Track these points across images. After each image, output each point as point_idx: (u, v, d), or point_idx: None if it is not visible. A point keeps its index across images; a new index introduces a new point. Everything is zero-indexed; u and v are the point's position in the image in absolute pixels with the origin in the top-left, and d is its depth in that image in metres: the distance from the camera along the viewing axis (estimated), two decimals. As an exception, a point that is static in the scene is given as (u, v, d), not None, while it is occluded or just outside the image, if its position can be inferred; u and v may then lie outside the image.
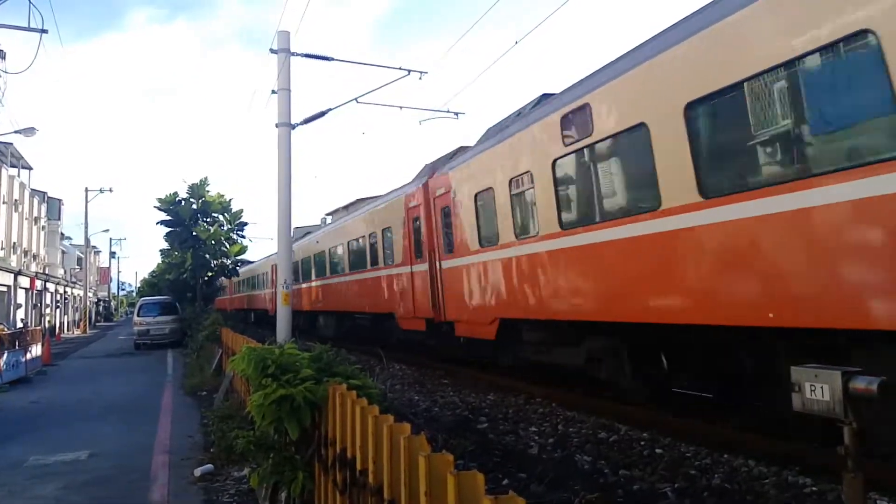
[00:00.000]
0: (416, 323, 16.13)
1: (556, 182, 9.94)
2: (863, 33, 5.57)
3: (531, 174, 10.59)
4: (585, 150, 9.33)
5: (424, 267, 15.40)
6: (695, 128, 7.28)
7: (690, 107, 7.27)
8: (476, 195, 12.64)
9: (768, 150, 6.75)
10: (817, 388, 4.38)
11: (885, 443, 6.27)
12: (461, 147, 15.96)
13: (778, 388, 6.66)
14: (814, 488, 6.18)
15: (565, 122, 9.63)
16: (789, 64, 6.23)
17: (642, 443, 8.22)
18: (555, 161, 9.90)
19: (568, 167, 9.82)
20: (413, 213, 16.23)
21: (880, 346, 5.74)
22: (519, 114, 12.20)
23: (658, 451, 7.85)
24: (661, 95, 7.74)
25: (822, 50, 5.96)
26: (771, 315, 6.55)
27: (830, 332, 6.09)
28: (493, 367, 13.99)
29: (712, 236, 7.10)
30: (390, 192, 19.28)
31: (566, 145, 9.64)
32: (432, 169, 16.17)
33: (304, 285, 28.58)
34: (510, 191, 11.32)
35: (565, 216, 9.86)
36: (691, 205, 7.29)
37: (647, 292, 8.16)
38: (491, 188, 12.01)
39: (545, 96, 11.75)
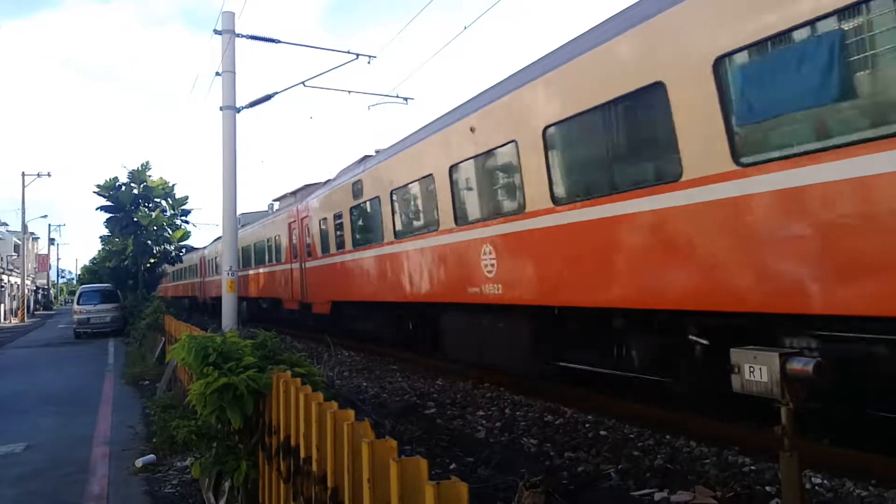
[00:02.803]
0: (292, 304, 22.33)
1: (352, 219, 16.46)
2: None
3: (342, 212, 16.95)
4: (361, 204, 15.79)
5: (297, 265, 21.34)
6: (394, 201, 13.96)
7: (393, 192, 13.88)
8: (319, 220, 19.00)
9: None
10: (756, 369, 4.48)
11: (819, 422, 6.49)
12: (328, 180, 20.46)
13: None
14: (752, 467, 6.34)
15: (354, 186, 16.10)
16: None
17: (587, 425, 8.33)
18: (350, 207, 16.37)
19: (356, 212, 16.28)
20: (292, 227, 22.19)
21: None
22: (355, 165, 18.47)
23: (602, 433, 7.97)
24: (382, 184, 14.35)
25: None
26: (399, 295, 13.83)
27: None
28: (438, 355, 14.09)
29: (383, 258, 14.40)
30: (280, 209, 26.50)
31: (354, 199, 16.10)
32: (305, 194, 22.50)
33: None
34: (334, 220, 17.72)
35: (357, 239, 16.23)
36: (388, 243, 14.08)
37: (387, 283, 14.22)
38: (326, 217, 18.45)
39: (366, 157, 17.40)
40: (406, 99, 19.80)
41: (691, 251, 6.83)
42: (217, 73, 16.23)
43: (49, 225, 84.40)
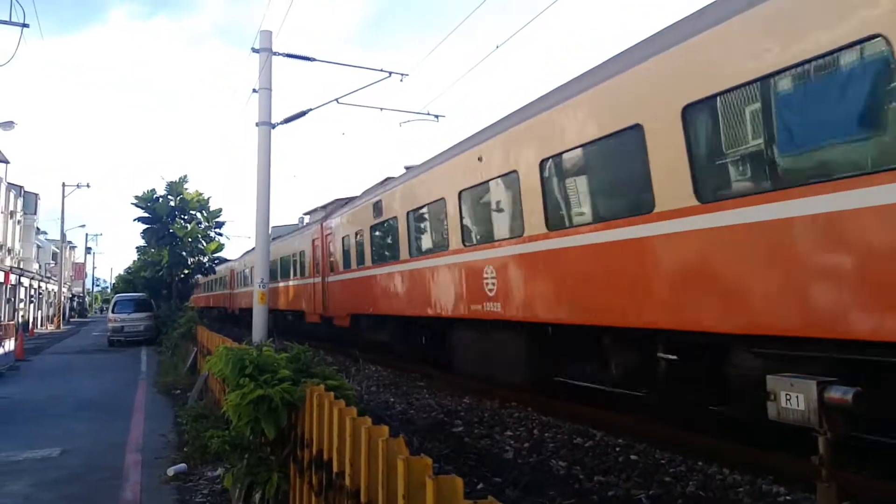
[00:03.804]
0: (315, 318, 22.91)
1: (372, 237, 17.20)
2: None
3: (362, 231, 17.80)
4: (381, 224, 16.48)
5: (319, 280, 22.12)
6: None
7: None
8: (342, 237, 19.86)
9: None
10: (793, 397, 4.42)
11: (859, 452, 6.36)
12: (353, 196, 21.15)
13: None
14: (787, 497, 6.22)
15: (375, 206, 16.78)
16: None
17: (617, 449, 8.24)
18: (371, 226, 17.09)
19: (376, 230, 17.02)
20: (315, 243, 22.96)
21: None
22: (375, 187, 18.69)
23: (633, 457, 7.88)
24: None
25: None
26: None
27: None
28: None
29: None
30: (306, 226, 28.15)
31: (374, 218, 16.86)
32: (328, 213, 23.41)
33: (247, 290, 32.74)
34: (354, 237, 18.63)
35: (375, 256, 16.90)
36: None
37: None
38: (348, 235, 19.36)
39: (388, 179, 18.87)
40: (437, 116, 19.95)
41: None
42: (254, 90, 16.49)
43: (86, 234, 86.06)
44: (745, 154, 6.81)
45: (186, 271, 32.54)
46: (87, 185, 57.99)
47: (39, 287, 59.97)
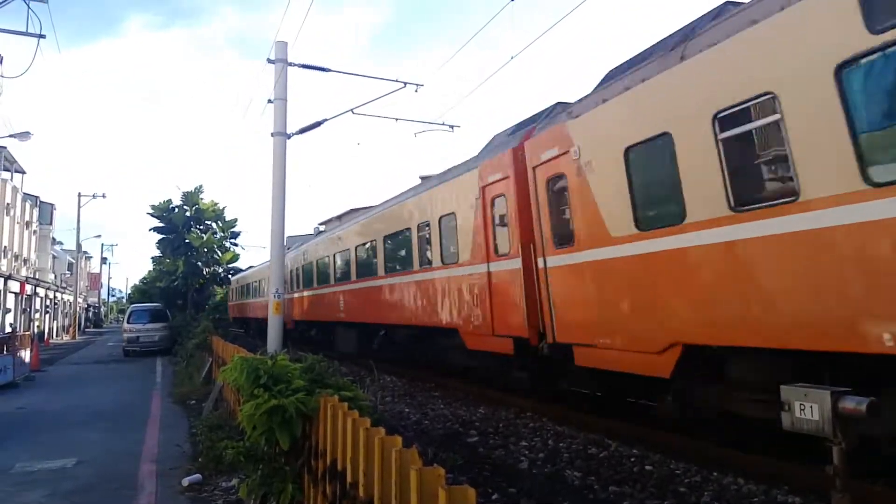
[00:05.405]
0: (494, 343, 11.86)
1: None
2: None
3: None
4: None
5: (514, 265, 11.12)
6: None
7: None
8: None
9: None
10: (807, 407, 4.40)
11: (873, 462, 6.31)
12: (559, 103, 11.61)
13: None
14: (802, 507, 6.19)
15: None
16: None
17: (632, 459, 8.21)
18: None
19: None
20: (493, 192, 11.92)
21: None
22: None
23: (648, 467, 7.84)
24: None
25: None
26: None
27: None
28: (484, 381, 13.93)
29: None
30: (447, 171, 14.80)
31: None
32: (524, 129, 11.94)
33: (322, 290, 23.42)
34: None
35: None
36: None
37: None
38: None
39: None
40: (452, 126, 20.02)
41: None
42: (269, 101, 16.63)
43: (102, 244, 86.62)
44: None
45: (202, 281, 32.77)
46: (103, 196, 58.52)
47: (55, 297, 60.44)
